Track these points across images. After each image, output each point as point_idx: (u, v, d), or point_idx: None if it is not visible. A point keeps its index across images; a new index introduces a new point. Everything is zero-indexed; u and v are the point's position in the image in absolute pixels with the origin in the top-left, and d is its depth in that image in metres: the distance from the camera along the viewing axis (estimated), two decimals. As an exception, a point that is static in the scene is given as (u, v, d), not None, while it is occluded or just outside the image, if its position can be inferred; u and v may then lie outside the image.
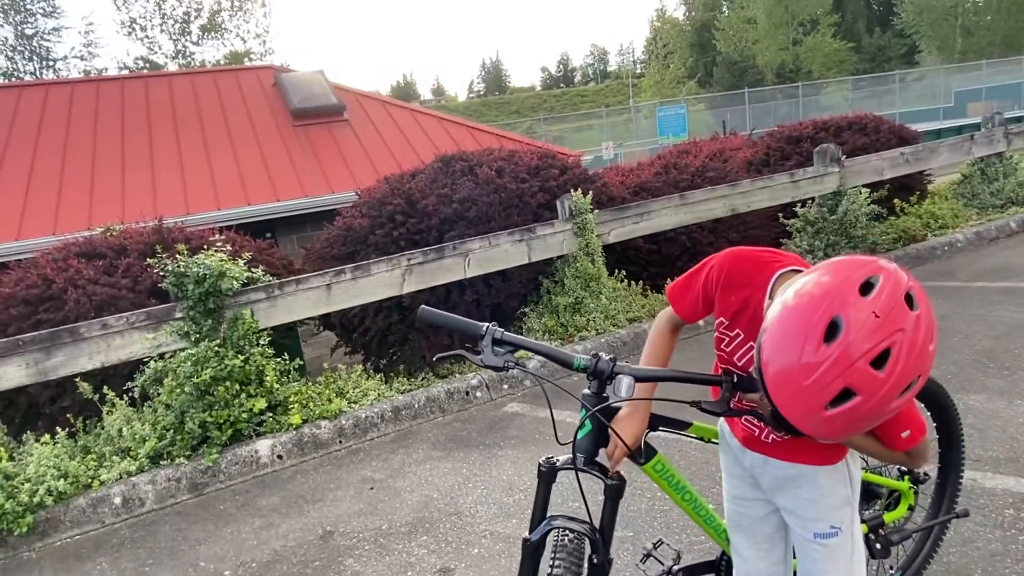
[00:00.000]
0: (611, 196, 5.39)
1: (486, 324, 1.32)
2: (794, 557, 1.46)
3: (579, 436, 1.30)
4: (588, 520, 1.30)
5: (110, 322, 3.63)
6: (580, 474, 1.29)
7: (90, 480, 3.40)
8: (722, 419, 1.48)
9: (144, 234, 4.69)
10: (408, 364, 4.98)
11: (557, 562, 1.24)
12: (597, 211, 4.92)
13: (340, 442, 3.78)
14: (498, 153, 5.35)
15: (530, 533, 1.32)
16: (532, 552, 1.32)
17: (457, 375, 4.52)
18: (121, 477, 3.41)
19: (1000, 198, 6.93)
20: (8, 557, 3.08)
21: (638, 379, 1.25)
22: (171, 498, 3.41)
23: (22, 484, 3.21)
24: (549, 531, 1.30)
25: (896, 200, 6.36)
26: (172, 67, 28.29)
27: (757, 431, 1.36)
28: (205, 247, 4.03)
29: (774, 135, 7.24)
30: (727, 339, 1.31)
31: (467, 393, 4.20)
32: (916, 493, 1.87)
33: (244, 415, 3.66)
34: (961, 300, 4.62)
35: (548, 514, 1.33)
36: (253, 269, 4.13)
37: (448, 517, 2.83)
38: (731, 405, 1.21)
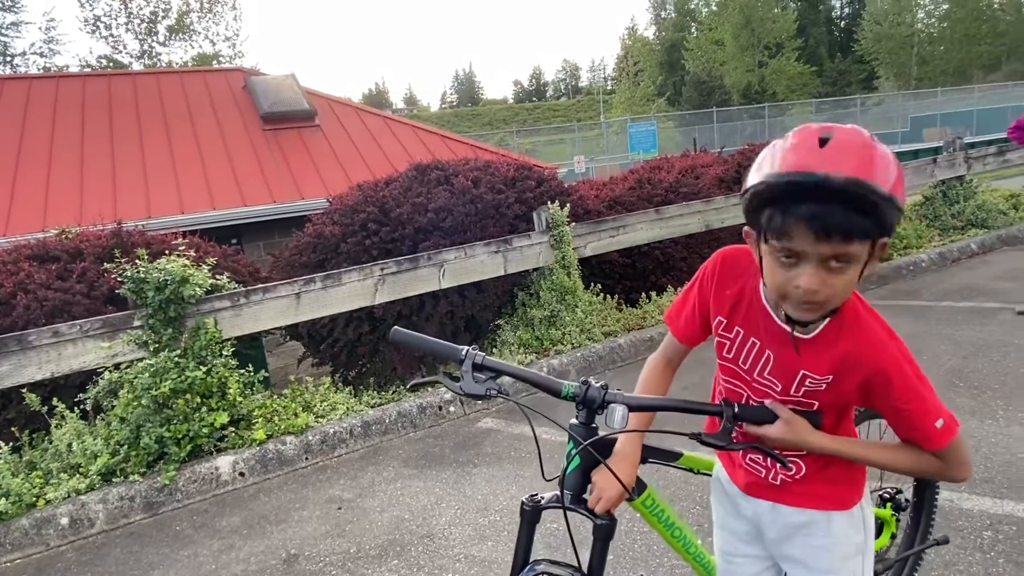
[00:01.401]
0: (587, 209, 5.37)
1: (465, 347, 1.20)
2: None
3: (567, 471, 1.19)
4: (576, 563, 1.19)
5: (62, 330, 3.42)
6: (567, 513, 1.17)
7: (34, 499, 3.17)
8: (718, 466, 1.38)
9: (102, 237, 4.47)
10: (379, 377, 4.85)
11: None
12: (574, 224, 4.89)
13: (306, 459, 3.62)
14: (474, 163, 5.29)
15: None
16: None
17: (429, 388, 4.40)
18: (69, 496, 3.19)
19: (961, 220, 7.15)
20: (-61, 583, 2.85)
21: (632, 408, 1.13)
22: (123, 518, 3.20)
23: (-42, 504, 2.98)
24: None
25: (863, 220, 6.48)
26: (137, 67, 27.55)
27: (764, 472, 1.24)
28: (167, 252, 3.85)
29: (744, 153, 7.33)
30: (728, 342, 1.20)
31: (440, 408, 4.09)
32: (897, 521, 1.84)
33: (204, 430, 3.48)
34: (929, 320, 4.71)
35: (531, 558, 1.21)
36: (218, 276, 3.96)
37: (420, 539, 2.71)
38: (733, 437, 1.11)
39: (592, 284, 5.24)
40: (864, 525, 1.22)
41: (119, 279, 3.61)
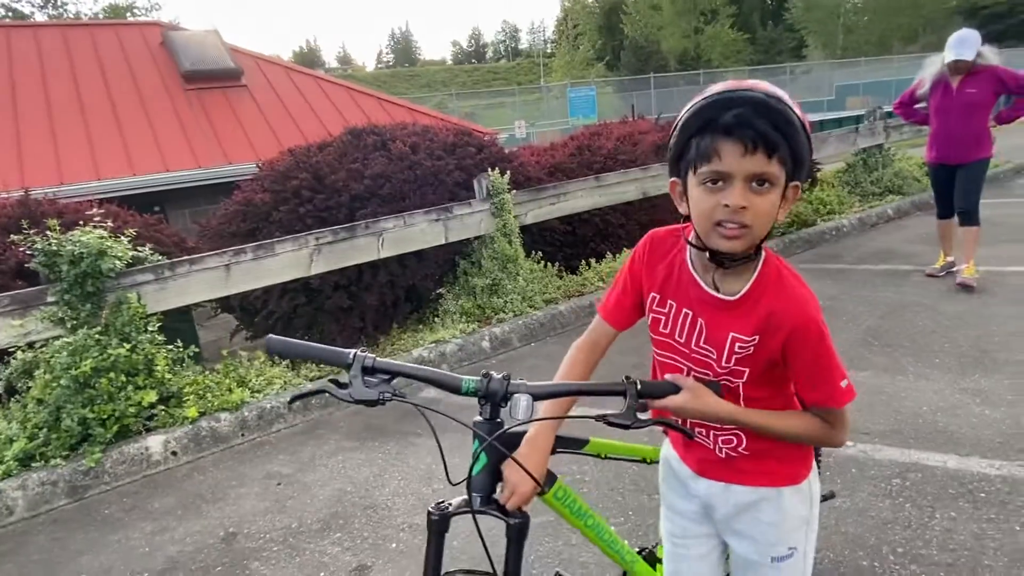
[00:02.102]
0: (528, 176, 5.34)
1: (352, 351, 1.11)
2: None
3: (474, 472, 1.13)
4: (491, 570, 1.13)
5: (-36, 308, 3.16)
6: (478, 517, 1.11)
7: (-57, 489, 2.97)
8: (667, 448, 1.38)
9: (7, 207, 4.14)
10: (317, 349, 4.74)
11: None
12: (515, 191, 4.86)
13: (242, 435, 3.53)
14: (412, 128, 5.15)
15: None
16: None
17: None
18: (-18, 483, 3.00)
19: (879, 186, 7.54)
20: None
21: (536, 397, 1.09)
22: (45, 504, 3.05)
23: None
24: None
25: (791, 186, 6.75)
26: (41, 18, 25.19)
27: (710, 444, 1.23)
28: (81, 222, 3.60)
29: (682, 120, 7.45)
30: (663, 317, 1.21)
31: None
32: None
33: (132, 409, 3.33)
34: (849, 282, 4.98)
35: (443, 570, 1.15)
36: (139, 247, 3.74)
37: (363, 511, 2.71)
38: (639, 416, 1.07)
39: (533, 252, 5.26)
40: (811, 498, 1.25)
41: (28, 252, 3.35)
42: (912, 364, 3.45)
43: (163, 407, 3.46)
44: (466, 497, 1.14)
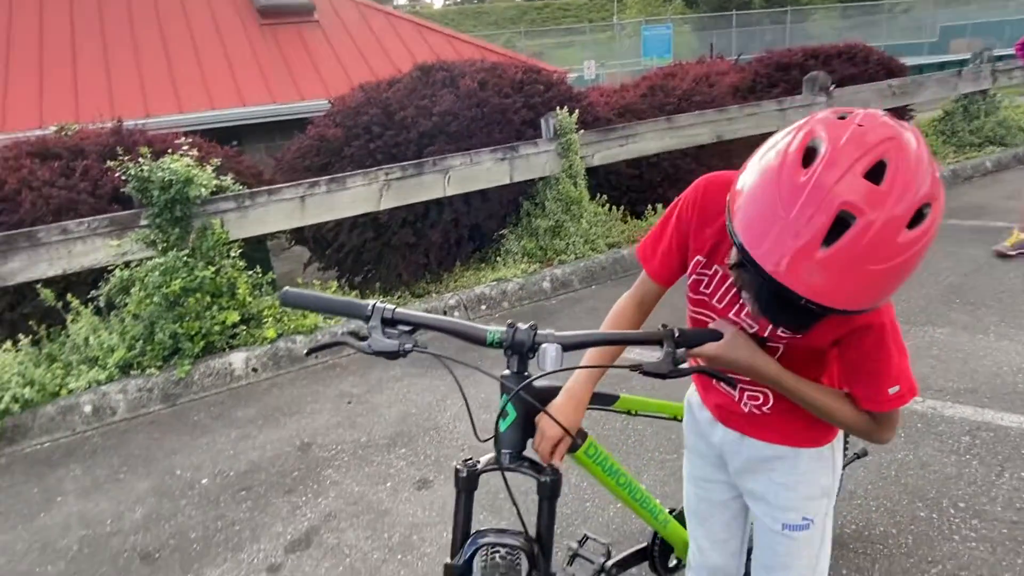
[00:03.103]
0: (596, 117, 5.23)
1: (371, 302, 1.06)
2: (750, 546, 1.33)
3: (502, 427, 1.07)
4: (522, 529, 1.08)
5: (70, 227, 3.44)
6: (506, 474, 1.06)
7: (57, 388, 3.32)
8: (691, 390, 1.33)
9: (102, 135, 4.40)
10: (384, 283, 4.91)
11: None
12: (582, 131, 4.78)
13: (316, 357, 3.76)
14: (481, 65, 5.10)
15: (452, 557, 1.09)
16: None
17: (434, 295, 4.49)
18: (90, 386, 3.34)
19: (979, 136, 6.96)
20: (-24, 462, 3.04)
21: (566, 347, 1.02)
22: (143, 408, 3.37)
23: (-14, 391, 3.12)
24: (476, 551, 1.08)
25: (879, 134, 6.34)
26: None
27: (735, 396, 1.17)
28: (170, 151, 3.80)
29: (763, 61, 7.05)
30: (705, 279, 1.12)
31: (444, 313, 4.18)
32: None
33: (216, 327, 3.59)
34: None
35: (473, 530, 1.11)
36: (222, 177, 3.93)
37: (426, 432, 2.87)
38: (677, 364, 1.00)
39: (598, 195, 5.19)
40: (833, 467, 1.18)
41: (123, 178, 3.59)
42: (996, 324, 3.28)
43: (244, 327, 3.71)
44: (495, 454, 1.09)
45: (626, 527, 2.14)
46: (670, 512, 1.57)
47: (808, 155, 0.80)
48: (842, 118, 0.83)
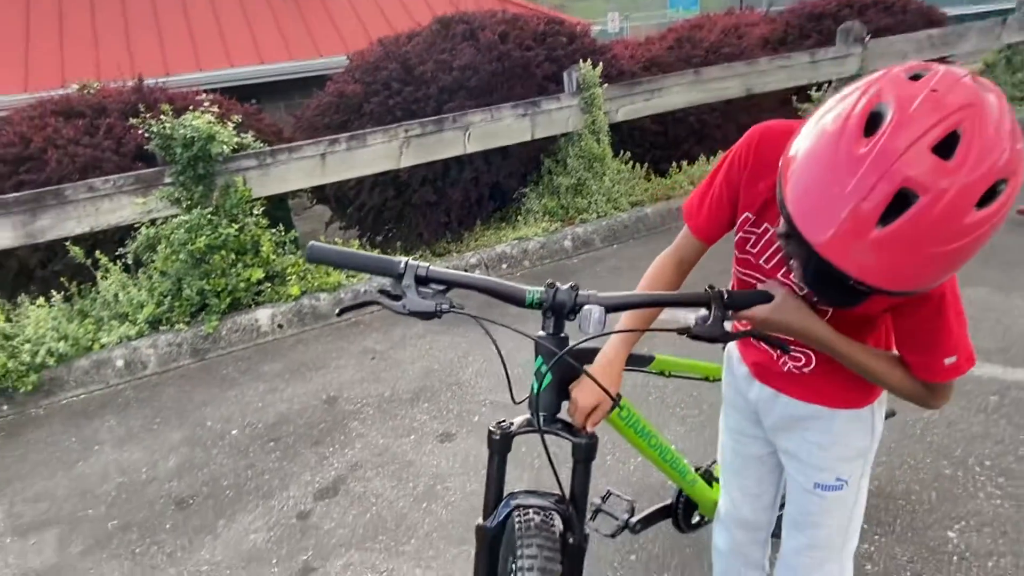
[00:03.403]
0: (621, 70, 5.09)
1: (403, 259, 1.01)
2: (782, 503, 1.31)
3: (538, 390, 1.05)
4: (558, 491, 1.07)
5: (97, 185, 3.48)
6: (541, 436, 1.04)
7: (90, 343, 3.42)
8: (731, 344, 1.28)
9: (124, 93, 4.40)
10: (405, 242, 4.92)
11: (527, 552, 0.97)
12: (606, 86, 4.66)
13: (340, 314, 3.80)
14: (502, 16, 4.96)
15: (485, 518, 1.08)
16: (490, 541, 1.08)
17: (455, 253, 4.49)
18: (121, 341, 3.43)
19: (1021, 90, 6.65)
20: (17, 413, 3.16)
21: (609, 309, 0.98)
22: (173, 362, 3.46)
23: (22, 345, 3.22)
24: (510, 513, 1.06)
25: (915, 87, 6.10)
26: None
27: (775, 355, 1.13)
28: (191, 108, 3.79)
29: (795, 11, 6.75)
30: (753, 237, 1.07)
31: (465, 271, 4.18)
32: None
33: (242, 284, 3.64)
34: (968, 194, 4.55)
35: (505, 491, 1.09)
36: (243, 135, 3.92)
37: (449, 387, 2.90)
38: (726, 328, 0.97)
39: (621, 152, 5.09)
40: (872, 430, 1.14)
41: (146, 135, 3.60)
42: (1031, 283, 3.19)
43: (269, 284, 3.76)
44: (528, 416, 1.07)
45: (646, 481, 2.17)
46: (696, 471, 1.58)
47: (872, 122, 0.73)
48: (915, 78, 0.75)
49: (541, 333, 1.04)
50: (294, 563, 2.00)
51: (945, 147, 0.70)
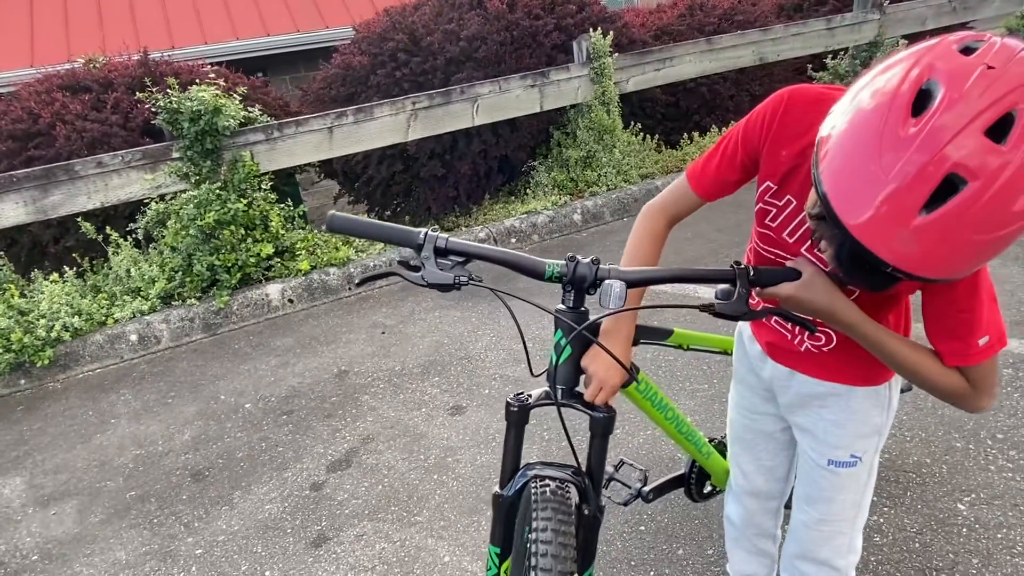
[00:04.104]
0: (631, 39, 4.99)
1: (423, 230, 1.00)
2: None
3: (557, 363, 1.05)
4: (575, 463, 1.09)
5: (105, 160, 3.48)
6: (559, 410, 1.05)
7: (104, 318, 3.45)
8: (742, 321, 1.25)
9: (130, 67, 4.37)
10: (413, 216, 4.91)
11: (543, 522, 0.98)
12: (616, 55, 4.57)
13: (349, 289, 3.81)
14: (510, -16, 4.85)
15: (502, 488, 1.09)
16: (507, 510, 1.10)
17: (463, 227, 4.47)
18: (134, 316, 3.46)
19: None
20: (35, 387, 3.21)
21: (631, 284, 0.97)
22: (186, 337, 3.49)
23: (37, 320, 3.26)
24: (526, 483, 1.07)
25: (934, 55, 5.96)
26: None
27: (789, 336, 1.11)
28: (197, 81, 3.76)
29: (811, -24, 6.57)
30: (774, 210, 1.01)
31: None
32: None
33: (252, 259, 3.65)
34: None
35: (522, 462, 1.11)
36: (249, 108, 3.90)
37: (459, 361, 2.91)
38: (750, 305, 0.94)
39: (632, 123, 5.02)
40: (889, 406, 1.12)
41: (152, 110, 3.58)
42: (1049, 255, 3.14)
43: (279, 260, 3.77)
44: (546, 389, 1.07)
45: (656, 452, 2.18)
46: (710, 441, 1.58)
47: (920, 100, 0.68)
48: (967, 50, 0.69)
49: (560, 307, 1.03)
50: (308, 533, 2.04)
51: (999, 129, 0.65)
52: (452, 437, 2.41)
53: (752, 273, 0.95)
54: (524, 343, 1.06)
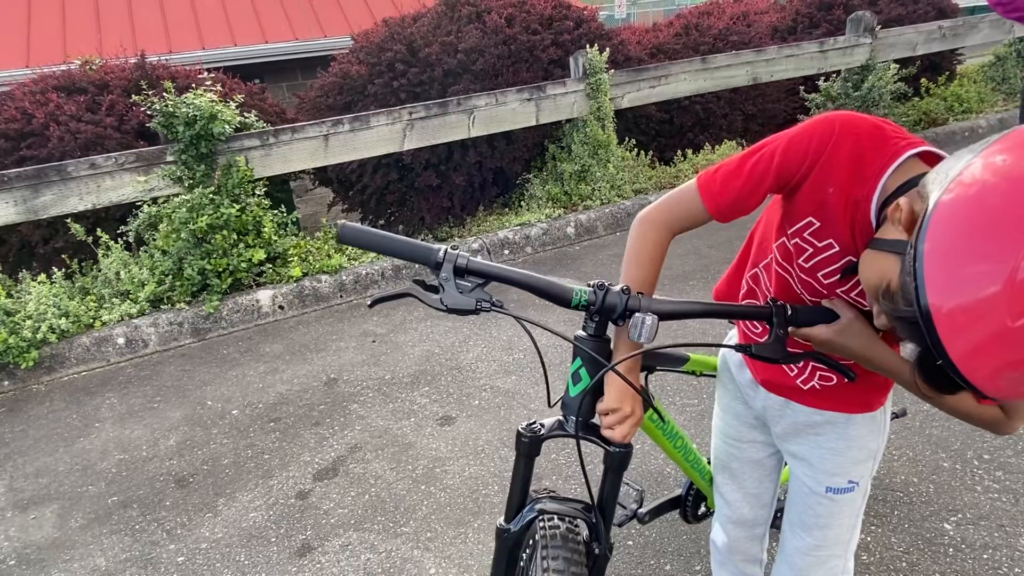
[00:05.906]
0: (628, 56, 5.04)
1: (442, 247, 0.91)
2: (780, 498, 1.27)
3: (572, 392, 0.99)
4: (588, 497, 1.03)
5: (98, 162, 3.46)
6: (577, 442, 1.00)
7: (91, 320, 3.42)
8: (725, 350, 1.22)
9: (126, 70, 4.36)
10: (407, 225, 4.91)
11: (550, 562, 0.94)
12: (612, 72, 4.62)
13: (341, 296, 3.80)
14: (508, -1, 4.90)
15: (508, 521, 1.04)
16: (511, 546, 1.05)
17: (456, 237, 4.47)
18: (122, 319, 3.43)
19: (1031, 84, 6.59)
20: (18, 389, 3.17)
21: (663, 316, 0.91)
22: (174, 341, 3.46)
23: (23, 321, 3.22)
24: (534, 519, 1.02)
25: (923, 80, 6.06)
26: None
27: (792, 374, 1.08)
28: (193, 86, 3.76)
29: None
30: (811, 250, 0.92)
31: (471, 254, 4.17)
32: None
33: (243, 265, 3.63)
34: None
35: (529, 496, 1.05)
36: (245, 114, 3.90)
37: (449, 371, 2.90)
38: (788, 349, 0.91)
39: (626, 139, 5.06)
40: (883, 428, 1.11)
41: (148, 112, 3.57)
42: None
43: (270, 265, 3.76)
44: (559, 419, 1.01)
45: (645, 466, 2.17)
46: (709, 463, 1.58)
47: None
48: None
49: (580, 333, 0.97)
50: (293, 542, 2.02)
51: None
52: (441, 448, 2.39)
53: (790, 312, 0.91)
54: (545, 372, 1.02)
